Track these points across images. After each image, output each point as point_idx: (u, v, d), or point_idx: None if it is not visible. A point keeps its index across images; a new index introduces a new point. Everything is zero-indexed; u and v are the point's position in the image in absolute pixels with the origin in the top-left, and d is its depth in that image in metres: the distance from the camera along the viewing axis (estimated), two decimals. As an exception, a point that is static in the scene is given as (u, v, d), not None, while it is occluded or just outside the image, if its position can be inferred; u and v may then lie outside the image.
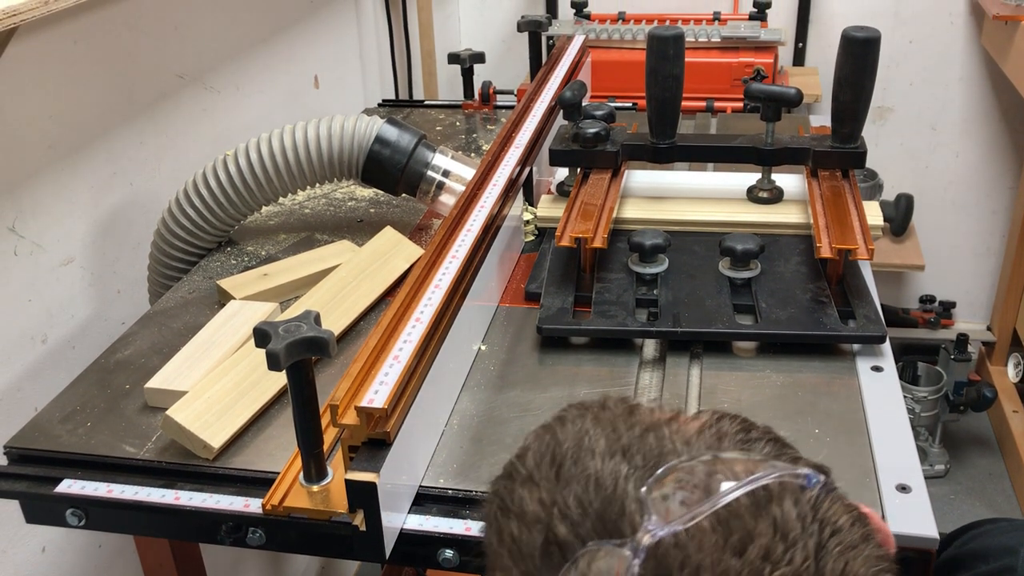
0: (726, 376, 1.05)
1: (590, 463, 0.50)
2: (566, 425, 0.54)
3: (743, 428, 0.53)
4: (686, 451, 0.50)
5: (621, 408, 0.55)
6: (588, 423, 0.54)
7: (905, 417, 0.97)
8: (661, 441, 0.51)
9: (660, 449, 0.50)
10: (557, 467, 0.51)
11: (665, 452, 0.50)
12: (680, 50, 1.28)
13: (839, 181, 1.27)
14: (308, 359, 0.82)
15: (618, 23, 2.48)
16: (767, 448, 0.53)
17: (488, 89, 1.93)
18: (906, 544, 0.83)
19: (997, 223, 2.90)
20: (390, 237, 1.31)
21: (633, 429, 0.52)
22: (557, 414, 0.56)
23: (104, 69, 1.37)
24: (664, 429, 0.52)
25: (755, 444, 0.52)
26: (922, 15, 2.67)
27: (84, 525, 0.94)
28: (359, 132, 1.34)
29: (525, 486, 0.52)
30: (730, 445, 0.52)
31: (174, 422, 0.95)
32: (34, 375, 1.27)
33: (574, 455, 0.51)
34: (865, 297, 1.13)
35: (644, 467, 0.49)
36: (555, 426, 0.55)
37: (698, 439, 0.52)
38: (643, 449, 0.50)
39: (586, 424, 0.54)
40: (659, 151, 1.34)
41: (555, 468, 0.51)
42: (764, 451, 0.52)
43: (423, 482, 0.91)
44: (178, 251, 1.36)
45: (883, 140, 2.83)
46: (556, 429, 0.54)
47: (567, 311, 1.13)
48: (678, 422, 0.54)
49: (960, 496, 2.56)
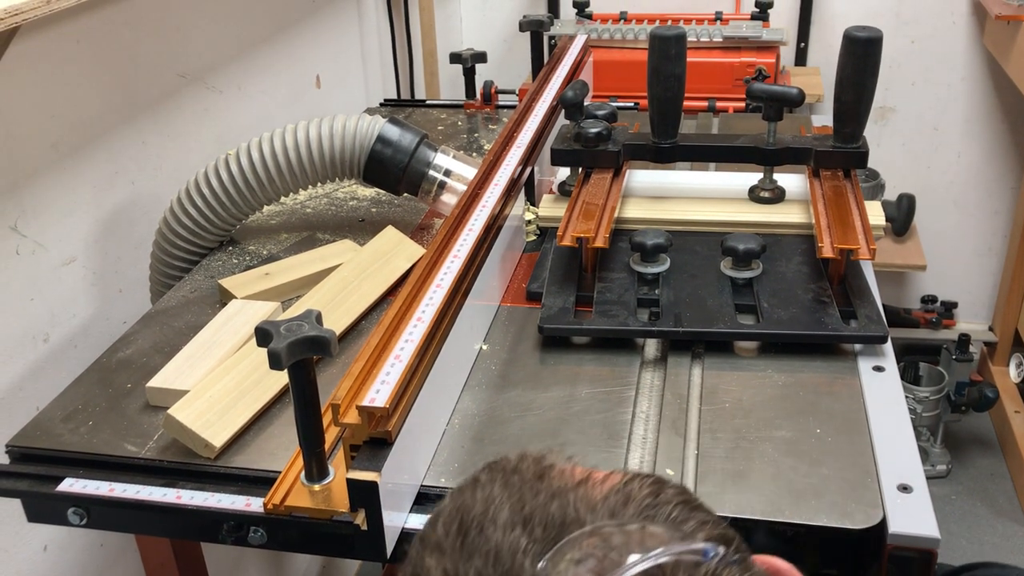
0: (727, 376, 1.05)
1: (492, 534, 0.51)
2: (476, 490, 0.55)
3: (652, 492, 0.54)
4: (590, 518, 0.51)
5: (532, 471, 0.55)
6: (496, 488, 0.54)
7: (907, 417, 0.97)
8: (564, 509, 0.52)
9: (563, 518, 0.51)
10: (463, 536, 0.52)
11: (568, 522, 0.51)
12: (682, 50, 1.28)
13: (841, 181, 1.27)
14: (310, 358, 0.82)
15: (620, 23, 2.48)
16: (675, 513, 0.53)
17: (490, 89, 1.93)
18: (908, 544, 0.83)
19: (999, 223, 2.90)
20: (392, 237, 1.31)
21: (538, 496, 0.53)
22: (474, 474, 0.57)
23: (106, 68, 1.37)
24: (570, 495, 0.53)
25: (662, 509, 0.53)
26: (924, 15, 2.67)
27: (86, 524, 0.94)
28: (361, 132, 1.34)
29: (433, 554, 0.52)
30: (635, 512, 0.52)
31: (176, 421, 0.95)
32: (36, 374, 1.27)
33: (479, 523, 0.52)
34: (867, 297, 1.13)
35: (544, 540, 0.50)
36: (467, 489, 0.56)
37: (603, 505, 0.52)
38: (545, 518, 0.51)
39: (495, 489, 0.54)
40: (661, 151, 1.34)
41: (461, 537, 0.52)
42: (671, 516, 0.52)
43: (424, 481, 0.91)
44: (180, 250, 1.36)
45: (885, 140, 2.83)
46: (467, 493, 0.55)
47: (569, 311, 1.13)
48: (587, 485, 0.54)
49: (961, 496, 2.56)
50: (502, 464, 0.57)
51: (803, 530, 0.84)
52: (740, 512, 0.85)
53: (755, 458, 0.92)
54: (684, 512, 0.53)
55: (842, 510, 0.85)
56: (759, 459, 0.91)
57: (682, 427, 0.97)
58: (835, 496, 0.86)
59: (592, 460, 0.92)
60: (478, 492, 0.54)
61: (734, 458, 0.92)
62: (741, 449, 0.93)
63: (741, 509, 0.85)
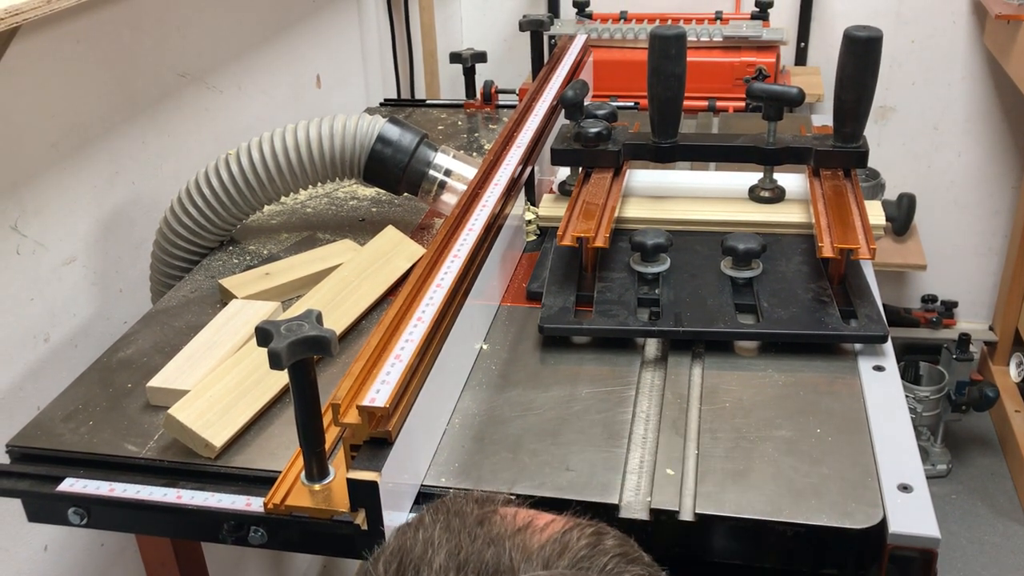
0: (728, 375, 1.05)
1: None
2: (419, 531, 0.55)
3: (590, 544, 0.54)
4: (523, 567, 0.52)
5: (474, 515, 0.56)
6: (437, 531, 0.55)
7: (907, 417, 0.97)
8: (499, 557, 0.52)
9: (496, 566, 0.52)
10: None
11: (501, 570, 0.52)
12: (682, 49, 1.28)
13: (841, 181, 1.27)
14: (310, 358, 0.82)
15: (620, 22, 2.48)
16: (610, 565, 0.53)
17: (490, 88, 1.93)
18: (908, 544, 0.83)
19: (999, 223, 2.90)
20: (392, 236, 1.31)
21: (476, 542, 0.53)
22: (421, 512, 0.58)
23: (106, 68, 1.37)
24: (507, 543, 0.53)
25: (598, 560, 0.53)
26: (924, 15, 2.67)
27: (86, 524, 0.94)
28: (361, 131, 1.34)
29: None
30: (569, 563, 0.53)
31: (176, 421, 0.95)
32: (36, 374, 1.27)
33: (416, 566, 0.53)
34: (867, 297, 1.13)
35: None
36: (411, 529, 0.56)
37: (539, 554, 0.53)
38: (479, 566, 0.52)
39: (436, 532, 0.55)
40: (661, 150, 1.34)
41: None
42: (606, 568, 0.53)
43: (425, 481, 0.91)
44: (180, 250, 1.36)
45: (885, 140, 2.83)
46: (410, 533, 0.56)
47: (569, 310, 1.13)
48: (525, 533, 0.55)
49: (962, 496, 2.56)
50: (448, 504, 0.58)
51: (803, 530, 0.84)
52: (740, 512, 0.85)
53: (755, 458, 0.92)
54: (620, 565, 0.53)
55: (842, 510, 0.85)
56: (759, 459, 0.91)
57: (682, 427, 0.97)
58: (835, 496, 0.86)
59: (592, 460, 0.92)
60: (420, 533, 0.55)
61: (734, 458, 0.92)
62: (741, 449, 0.93)
63: (741, 509, 0.85)
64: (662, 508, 0.86)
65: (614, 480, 0.89)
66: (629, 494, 0.89)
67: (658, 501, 0.87)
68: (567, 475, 0.90)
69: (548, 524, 0.55)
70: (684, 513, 0.86)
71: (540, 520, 0.56)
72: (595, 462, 0.92)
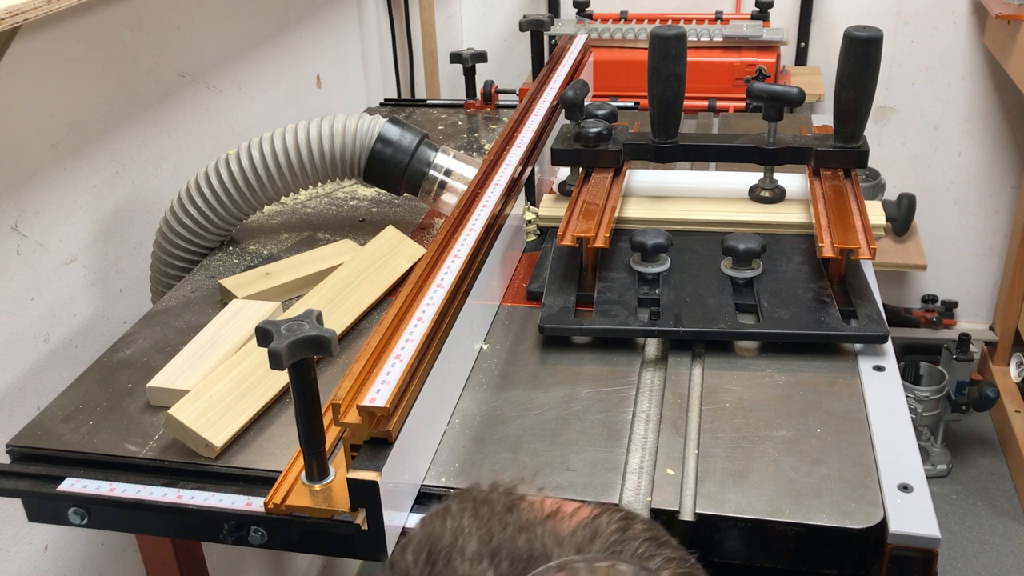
0: (728, 375, 1.05)
1: (460, 566, 0.51)
2: (447, 520, 0.55)
3: (620, 528, 0.54)
4: (557, 552, 0.52)
5: (502, 503, 0.56)
6: (466, 519, 0.55)
7: (907, 417, 0.97)
8: (532, 543, 0.52)
9: (530, 552, 0.52)
10: (431, 566, 0.52)
11: (535, 556, 0.51)
12: (682, 49, 1.28)
13: (841, 181, 1.27)
14: (310, 358, 0.82)
15: (620, 22, 2.48)
16: (641, 549, 0.53)
17: (490, 88, 1.93)
18: (908, 544, 0.83)
19: (999, 223, 2.90)
20: (392, 236, 1.31)
21: (507, 529, 0.53)
22: (445, 502, 0.58)
23: (106, 68, 1.37)
24: (538, 529, 0.53)
25: (629, 544, 0.53)
26: (924, 14, 2.67)
27: (86, 524, 0.94)
28: (361, 131, 1.34)
29: None
30: (601, 547, 0.53)
31: (176, 421, 0.95)
32: (36, 374, 1.27)
33: (447, 554, 0.52)
34: (867, 297, 1.13)
35: (510, 573, 0.51)
36: (438, 518, 0.56)
37: (570, 539, 0.53)
38: (512, 552, 0.52)
39: (464, 520, 0.55)
40: (661, 150, 1.34)
41: (429, 566, 0.52)
42: (637, 552, 0.53)
43: (425, 481, 0.91)
44: (180, 250, 1.36)
45: (885, 140, 2.83)
46: (438, 522, 0.55)
47: (569, 310, 1.13)
48: (555, 519, 0.55)
49: (962, 496, 2.56)
50: (473, 494, 0.57)
51: (803, 530, 0.84)
52: (740, 512, 0.85)
53: (755, 458, 0.92)
54: (651, 548, 0.53)
55: (842, 510, 0.85)
56: (759, 459, 0.91)
57: (682, 427, 0.97)
58: (835, 496, 0.86)
59: (592, 460, 0.92)
60: (448, 522, 0.55)
61: (734, 458, 0.92)
62: (741, 449, 0.93)
63: (741, 509, 0.85)
64: (662, 508, 0.86)
65: (614, 480, 0.90)
66: (629, 494, 0.89)
67: (658, 501, 0.87)
68: (567, 475, 0.90)
69: (576, 510, 0.55)
70: (684, 513, 0.86)
71: (567, 507, 0.56)
72: (595, 462, 0.92)
